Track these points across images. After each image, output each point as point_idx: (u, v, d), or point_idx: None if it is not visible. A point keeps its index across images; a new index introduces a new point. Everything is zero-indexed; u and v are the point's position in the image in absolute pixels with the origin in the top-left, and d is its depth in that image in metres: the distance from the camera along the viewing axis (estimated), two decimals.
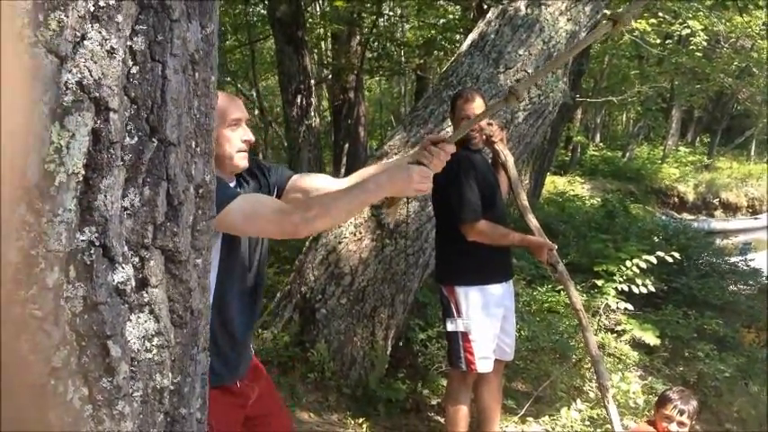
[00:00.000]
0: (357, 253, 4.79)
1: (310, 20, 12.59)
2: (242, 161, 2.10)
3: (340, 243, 4.84)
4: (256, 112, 14.72)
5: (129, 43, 0.94)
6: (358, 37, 12.40)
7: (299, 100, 9.45)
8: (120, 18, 0.92)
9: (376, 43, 12.92)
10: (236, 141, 2.05)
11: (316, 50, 15.20)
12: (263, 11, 13.19)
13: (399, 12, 14.63)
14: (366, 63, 12.15)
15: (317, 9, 13.69)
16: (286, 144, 11.14)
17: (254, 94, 14.64)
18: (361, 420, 4.31)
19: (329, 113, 13.00)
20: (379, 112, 22.58)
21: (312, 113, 9.74)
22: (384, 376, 4.77)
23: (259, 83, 15.40)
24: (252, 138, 2.08)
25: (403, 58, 13.87)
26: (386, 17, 14.05)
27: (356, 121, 12.03)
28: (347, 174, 8.87)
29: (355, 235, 4.82)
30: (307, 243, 5.14)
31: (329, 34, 13.72)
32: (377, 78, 18.57)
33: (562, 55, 4.83)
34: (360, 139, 12.19)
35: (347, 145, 11.78)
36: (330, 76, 12.57)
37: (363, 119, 12.56)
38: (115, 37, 0.91)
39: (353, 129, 11.93)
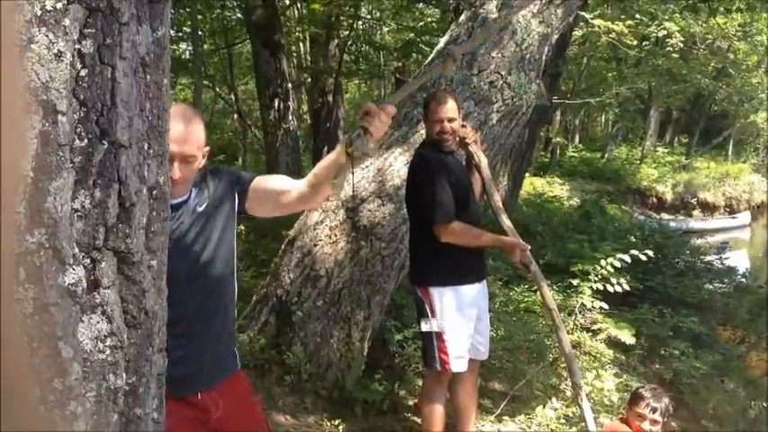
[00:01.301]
0: (333, 255, 4.79)
1: (288, 23, 12.59)
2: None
3: (315, 245, 4.84)
4: (235, 116, 14.70)
5: (77, 47, 0.95)
6: (336, 40, 12.43)
7: (276, 104, 9.46)
8: (67, 22, 0.93)
9: (354, 46, 12.96)
10: None
11: (294, 54, 15.20)
12: (239, 15, 13.18)
13: (377, 15, 14.66)
14: (344, 66, 12.18)
15: (295, 13, 13.69)
16: (264, 148, 11.14)
17: (233, 98, 14.62)
18: (337, 422, 4.31)
19: (308, 117, 12.99)
20: (357, 115, 22.60)
21: (290, 117, 9.74)
22: (361, 378, 4.77)
23: (237, 87, 15.38)
24: (176, 175, 1.94)
25: (381, 61, 13.91)
26: (363, 20, 14.08)
27: (335, 124, 12.05)
28: None
29: (330, 237, 4.82)
30: (282, 246, 5.14)
31: (307, 38, 13.73)
32: (355, 81, 18.60)
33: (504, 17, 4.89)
34: (338, 141, 12.20)
35: (326, 148, 11.79)
36: (308, 80, 12.58)
37: (342, 122, 12.58)
38: (62, 40, 0.92)
39: (332, 132, 11.95)
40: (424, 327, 3.82)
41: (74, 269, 0.96)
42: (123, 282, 1.05)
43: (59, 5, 0.92)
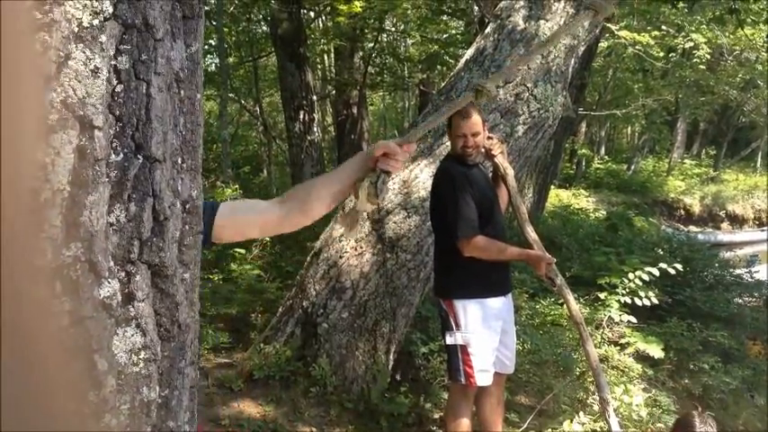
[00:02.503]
0: (358, 267, 4.80)
1: (312, 36, 12.66)
2: None
3: (341, 257, 4.85)
4: (260, 128, 14.79)
5: (113, 62, 0.96)
6: (361, 52, 12.47)
7: (301, 116, 9.51)
8: (103, 38, 0.94)
9: (378, 58, 12.99)
10: None
11: (319, 66, 15.28)
12: (265, 28, 13.28)
13: (402, 27, 14.70)
14: (369, 78, 12.22)
15: (320, 25, 13.77)
16: (289, 160, 11.19)
17: (258, 110, 14.72)
18: None
19: (333, 128, 13.04)
20: (382, 127, 22.64)
21: (315, 129, 9.79)
22: (386, 390, 4.77)
23: (262, 99, 15.48)
24: None
25: (406, 73, 13.93)
26: (388, 33, 14.12)
27: (359, 136, 12.08)
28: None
29: (356, 249, 4.83)
30: (308, 258, 5.15)
31: (332, 50, 13.80)
32: (380, 93, 18.65)
33: (537, 48, 4.88)
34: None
35: None
36: (333, 92, 12.63)
37: (367, 134, 12.61)
38: (99, 56, 0.93)
39: (357, 143, 11.98)
40: (449, 340, 3.81)
41: (109, 282, 0.97)
42: (157, 295, 1.06)
43: (96, 22, 0.93)
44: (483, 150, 3.86)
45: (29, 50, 0.87)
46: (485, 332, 3.74)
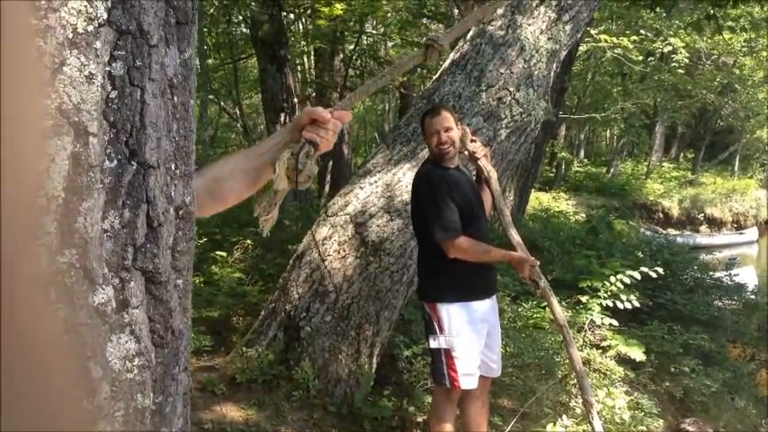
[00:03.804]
0: (341, 270, 4.80)
1: (293, 38, 12.65)
2: None
3: (324, 261, 4.85)
4: (240, 130, 14.73)
5: (107, 69, 0.96)
6: (341, 55, 12.48)
7: (282, 118, 9.50)
8: (98, 44, 0.94)
9: (359, 61, 13.00)
10: None
11: (299, 68, 15.26)
12: (245, 30, 13.25)
13: (382, 29, 14.72)
14: (349, 80, 12.22)
15: (300, 27, 13.76)
16: None
17: (238, 113, 14.67)
18: None
19: None
20: (363, 130, 22.65)
21: None
22: (369, 394, 4.77)
23: (242, 101, 15.43)
24: None
25: None
26: (368, 35, 14.13)
27: (340, 139, 12.04)
28: (332, 192, 8.88)
29: (339, 252, 4.83)
30: (290, 261, 5.14)
31: (312, 52, 13.80)
32: None
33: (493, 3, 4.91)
34: (344, 157, 12.25)
35: (331, 162, 11.82)
36: (313, 94, 12.63)
37: (347, 136, 12.63)
38: (94, 63, 0.93)
39: (337, 146, 11.96)
40: (433, 344, 3.81)
41: (103, 289, 0.96)
42: (151, 301, 1.05)
43: (90, 28, 0.93)
44: (460, 147, 3.87)
45: (28, 56, 0.87)
46: (469, 336, 3.74)
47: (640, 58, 15.88)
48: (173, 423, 1.11)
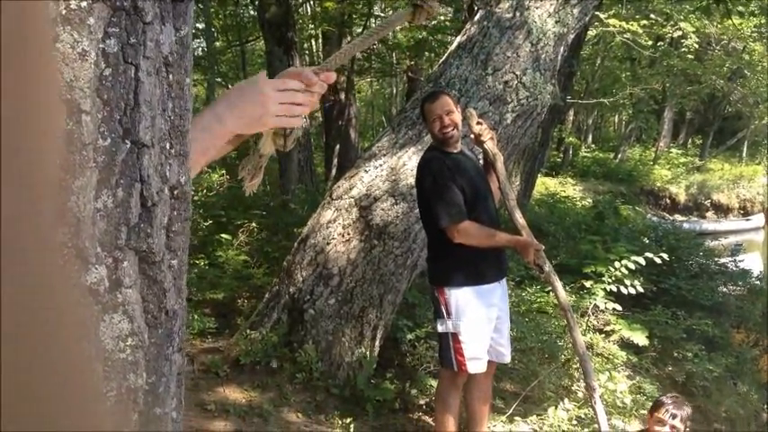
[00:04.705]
0: (345, 254, 4.80)
1: (301, 21, 12.60)
2: None
3: (328, 244, 4.85)
4: None
5: (101, 46, 0.95)
6: (349, 38, 12.40)
7: None
8: (92, 21, 0.93)
9: None
10: None
11: (307, 51, 15.21)
12: (253, 12, 13.20)
13: (390, 12, 14.64)
14: (357, 64, 12.17)
15: (308, 10, 13.69)
16: None
17: None
18: (348, 420, 4.31)
19: (320, 115, 13.01)
20: (370, 113, 22.60)
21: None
22: (372, 376, 4.78)
23: None
24: None
25: (394, 60, 13.89)
26: (377, 18, 14.06)
27: (347, 123, 12.04)
28: (339, 176, 8.87)
29: (343, 236, 4.83)
30: (295, 244, 5.14)
31: (320, 35, 13.73)
32: (368, 79, 18.58)
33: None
34: (351, 141, 12.20)
35: (338, 146, 11.79)
36: None
37: (354, 120, 12.57)
38: (87, 39, 0.92)
39: (345, 130, 11.94)
40: (440, 328, 3.81)
41: (96, 268, 0.96)
42: (144, 281, 1.05)
43: (84, 4, 0.92)
44: (465, 130, 3.86)
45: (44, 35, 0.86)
46: (476, 320, 3.73)
47: (650, 42, 15.77)
48: (166, 403, 1.10)
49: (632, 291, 5.99)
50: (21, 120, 0.74)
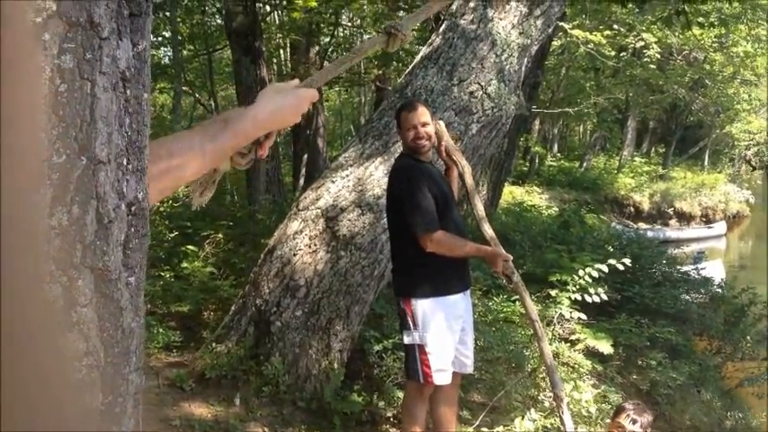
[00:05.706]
0: (312, 265, 4.77)
1: (268, 30, 12.57)
2: None
3: (295, 255, 4.82)
4: None
5: (56, 62, 0.93)
6: (317, 47, 12.41)
7: None
8: (47, 36, 0.91)
9: (335, 53, 12.95)
10: None
11: (274, 61, 15.18)
12: (220, 21, 13.14)
13: (358, 22, 14.67)
14: None
15: (275, 19, 13.67)
16: None
17: (213, 104, 14.55)
18: None
19: None
20: (338, 123, 22.60)
21: None
22: (339, 389, 4.75)
23: (217, 93, 15.32)
24: None
25: (362, 69, 13.90)
26: (344, 27, 14.08)
27: (315, 132, 12.03)
28: (307, 186, 8.85)
29: (310, 247, 4.80)
30: (262, 255, 5.11)
31: (287, 44, 13.71)
32: (336, 89, 18.59)
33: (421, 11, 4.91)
34: (319, 150, 12.20)
35: (306, 155, 11.78)
36: None
37: (323, 129, 12.57)
38: (42, 55, 0.90)
39: (313, 139, 11.93)
40: (407, 339, 3.80)
41: (50, 287, 0.94)
42: (100, 300, 1.03)
43: (39, 20, 0.90)
44: (435, 145, 3.88)
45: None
46: (443, 331, 3.73)
47: (613, 53, 15.99)
48: (122, 423, 1.08)
49: (597, 299, 6.04)
50: None
